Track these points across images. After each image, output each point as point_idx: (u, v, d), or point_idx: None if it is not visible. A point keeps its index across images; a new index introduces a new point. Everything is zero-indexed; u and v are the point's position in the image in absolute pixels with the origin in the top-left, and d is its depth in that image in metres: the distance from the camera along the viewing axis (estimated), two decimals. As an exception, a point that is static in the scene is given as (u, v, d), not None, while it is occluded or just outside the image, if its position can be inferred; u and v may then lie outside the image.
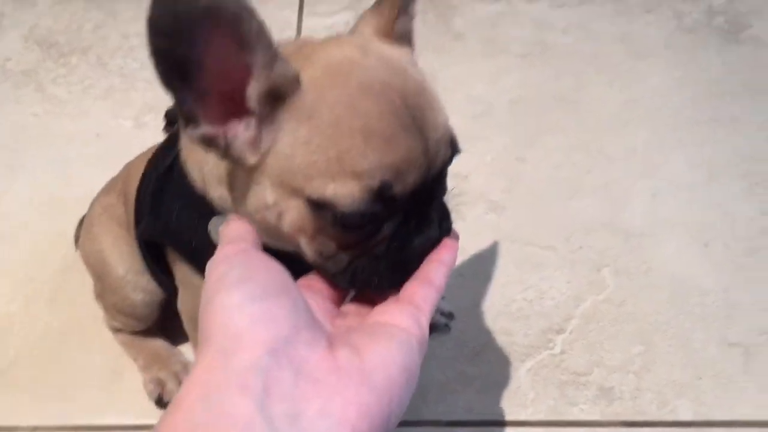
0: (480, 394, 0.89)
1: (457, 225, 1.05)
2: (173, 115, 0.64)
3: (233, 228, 0.48)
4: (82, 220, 0.96)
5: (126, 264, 0.83)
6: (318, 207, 0.47)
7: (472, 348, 0.94)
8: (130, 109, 1.20)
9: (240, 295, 0.40)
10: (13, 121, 1.20)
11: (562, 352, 0.93)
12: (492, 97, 1.21)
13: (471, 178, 1.11)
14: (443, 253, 0.52)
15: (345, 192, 0.46)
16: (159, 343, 0.93)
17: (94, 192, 0.90)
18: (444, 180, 0.54)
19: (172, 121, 0.64)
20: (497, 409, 0.88)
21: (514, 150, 1.14)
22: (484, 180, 1.11)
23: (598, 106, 1.19)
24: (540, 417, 0.88)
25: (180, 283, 0.69)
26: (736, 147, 1.12)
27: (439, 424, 0.88)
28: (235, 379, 0.37)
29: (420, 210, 0.51)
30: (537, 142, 1.15)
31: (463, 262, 1.01)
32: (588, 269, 1.00)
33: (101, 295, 0.89)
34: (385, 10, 0.54)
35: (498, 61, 1.27)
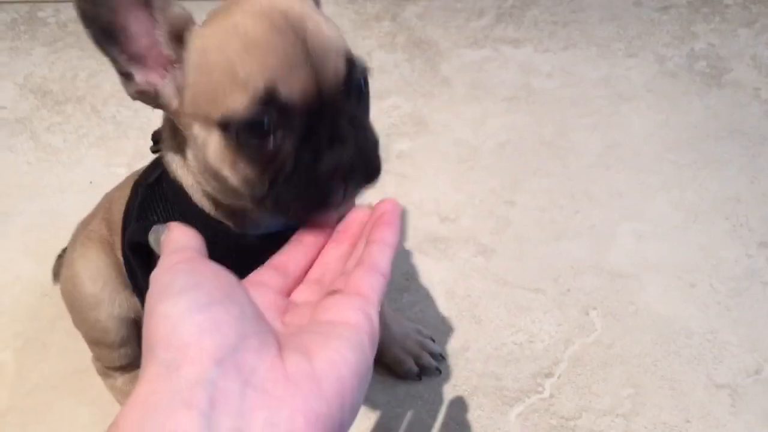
0: (471, 440, 0.90)
1: (446, 267, 1.06)
2: (159, 135, 0.68)
3: (176, 236, 0.47)
4: (62, 254, 0.97)
5: (101, 281, 0.84)
6: (225, 128, 0.52)
7: (462, 392, 0.94)
8: (123, 156, 1.22)
9: (185, 303, 0.39)
10: (7, 169, 1.22)
11: (551, 396, 0.93)
12: (479, 141, 1.24)
13: (460, 221, 1.12)
14: (386, 233, 0.50)
15: (236, 104, 0.50)
16: None
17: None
18: (356, 99, 0.56)
19: (158, 140, 0.68)
20: (488, 455, 0.89)
21: (502, 193, 1.16)
22: (472, 222, 1.12)
23: (583, 149, 1.21)
24: (531, 462, 0.88)
25: None
26: (719, 189, 1.14)
27: (431, 470, 0.88)
28: (180, 396, 0.36)
29: (327, 126, 0.53)
30: (524, 185, 1.17)
31: (453, 304, 1.02)
32: (576, 311, 1.02)
33: (77, 326, 0.90)
34: None
35: (484, 106, 1.29)
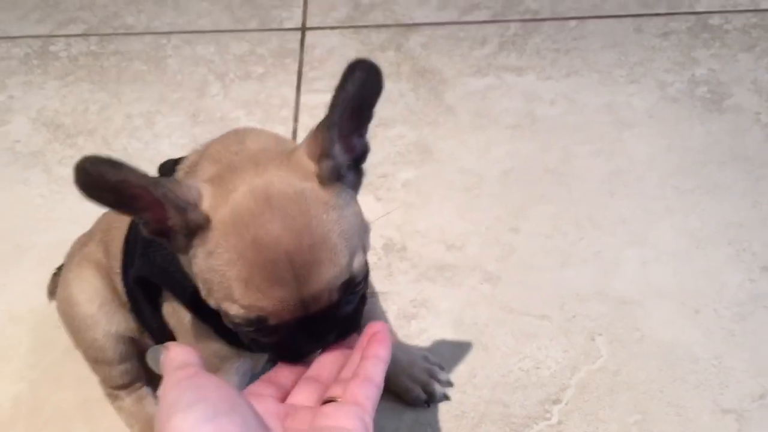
0: (479, 467, 0.91)
1: (453, 295, 1.08)
2: (166, 168, 0.71)
3: (176, 354, 0.52)
4: (57, 272, 0.99)
5: (97, 301, 0.86)
6: (218, 308, 0.59)
7: (470, 419, 0.95)
8: (134, 188, 1.24)
9: (193, 417, 0.43)
10: (21, 202, 1.24)
11: (559, 423, 0.94)
12: (484, 169, 1.25)
13: (466, 249, 1.14)
14: (379, 349, 0.57)
15: (232, 312, 0.57)
16: (155, 409, 0.94)
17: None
18: (341, 306, 0.60)
19: (165, 174, 0.71)
20: (496, 482, 0.90)
21: (507, 220, 1.18)
22: (478, 250, 1.14)
23: (586, 175, 1.23)
24: (539, 489, 0.89)
25: (175, 330, 0.76)
26: (722, 214, 1.16)
27: (440, 498, 0.89)
28: None
29: (313, 323, 0.59)
30: (528, 212, 1.19)
31: (460, 332, 1.04)
32: (583, 338, 1.03)
33: (76, 345, 0.92)
34: (319, 139, 0.57)
35: (489, 133, 1.31)
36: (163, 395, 0.47)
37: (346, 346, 0.61)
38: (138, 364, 0.92)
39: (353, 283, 0.59)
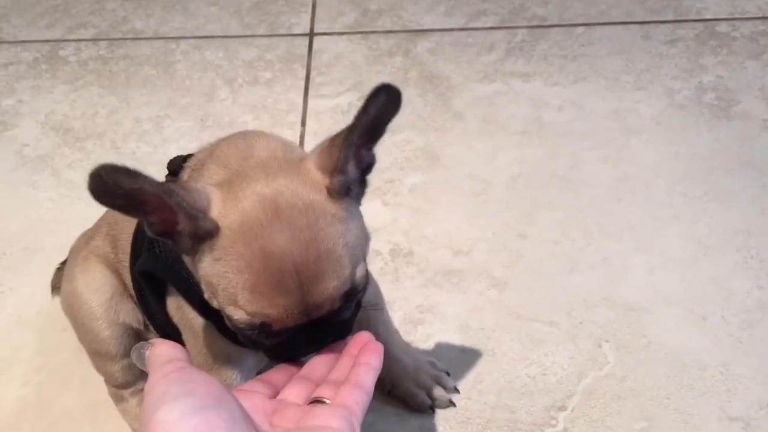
0: (485, 473, 0.90)
1: (460, 300, 1.08)
2: (175, 164, 0.72)
3: (163, 350, 0.52)
4: (60, 267, 0.99)
5: (102, 291, 0.87)
6: (222, 311, 0.60)
7: (476, 425, 0.95)
8: (142, 191, 1.25)
9: (180, 408, 0.44)
10: (30, 206, 1.25)
11: (565, 429, 0.94)
12: (491, 175, 1.26)
13: (473, 254, 1.14)
14: (371, 358, 0.60)
15: (235, 316, 0.58)
16: None
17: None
18: (341, 312, 0.61)
19: (173, 171, 0.71)
20: (502, 489, 0.89)
21: (515, 226, 1.18)
22: (485, 256, 1.14)
23: (593, 182, 1.23)
24: (545, 496, 0.88)
25: (179, 326, 0.76)
26: (730, 221, 1.16)
27: (446, 504, 0.88)
28: None
29: (312, 329, 0.60)
30: (536, 218, 1.19)
31: (466, 337, 1.04)
32: (589, 344, 1.02)
33: (80, 339, 0.92)
34: (333, 153, 0.58)
35: (496, 139, 1.32)
36: (149, 388, 0.47)
37: (338, 349, 0.63)
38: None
39: (355, 292, 0.61)
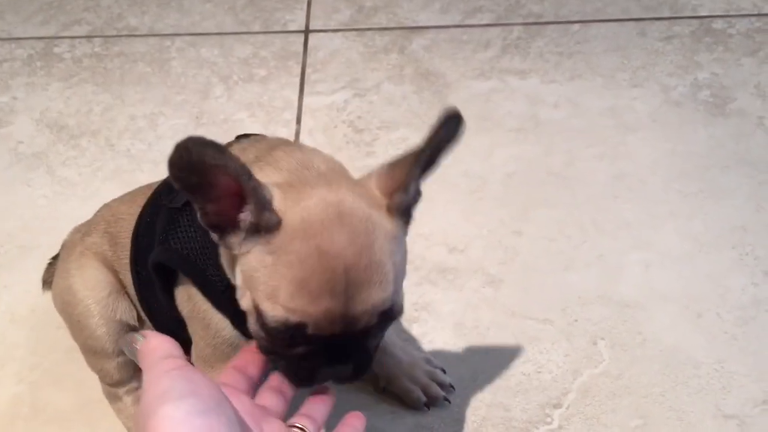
0: (480, 471, 0.90)
1: (455, 298, 1.08)
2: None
3: (159, 344, 0.52)
4: (52, 263, 0.99)
5: (98, 288, 0.86)
6: (256, 308, 0.59)
7: (471, 423, 0.95)
8: (137, 189, 1.24)
9: (186, 408, 0.44)
10: (24, 204, 1.25)
11: (560, 427, 0.94)
12: (487, 172, 1.25)
13: (468, 252, 1.14)
14: (356, 423, 0.63)
15: (271, 312, 0.58)
16: None
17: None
18: (372, 334, 0.62)
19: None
20: (497, 486, 0.89)
21: (510, 223, 1.18)
22: (481, 253, 1.14)
23: (589, 179, 1.23)
24: (540, 493, 0.88)
25: (187, 318, 0.76)
26: (726, 218, 1.16)
27: (441, 502, 0.88)
28: None
29: (337, 348, 0.60)
30: (531, 215, 1.18)
31: (461, 335, 1.03)
32: (584, 342, 1.02)
33: (74, 337, 0.92)
34: (395, 174, 0.61)
35: (492, 137, 1.31)
36: (151, 383, 0.47)
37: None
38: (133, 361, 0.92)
39: (391, 314, 0.61)
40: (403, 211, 0.61)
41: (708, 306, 1.05)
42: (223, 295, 0.68)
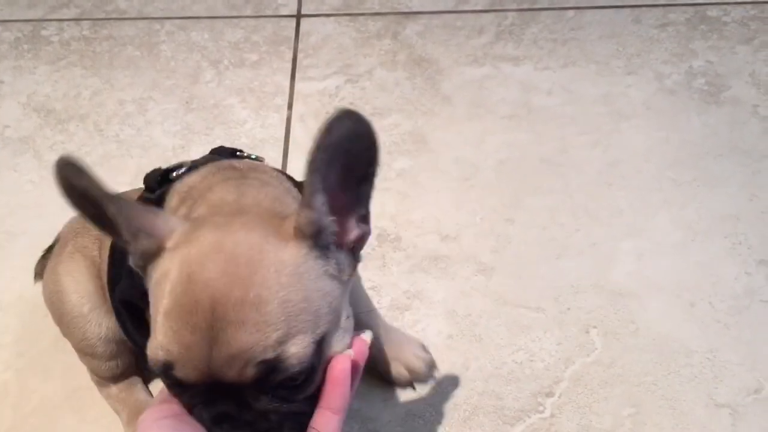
0: (471, 460, 0.90)
1: (447, 286, 1.07)
2: (150, 180, 0.73)
3: (162, 388, 0.55)
4: (46, 253, 0.98)
5: (88, 304, 0.86)
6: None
7: (463, 411, 0.94)
8: (126, 174, 1.23)
9: None
10: (11, 189, 1.23)
11: (552, 416, 0.93)
12: (479, 159, 1.24)
13: (460, 239, 1.13)
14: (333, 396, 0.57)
15: (148, 349, 0.54)
16: (143, 396, 0.94)
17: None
18: (262, 393, 0.54)
19: (150, 187, 0.71)
20: (489, 475, 0.89)
21: (502, 211, 1.17)
22: (473, 241, 1.13)
23: (583, 166, 1.22)
24: (531, 482, 0.88)
25: None
26: (718, 207, 1.15)
27: (432, 490, 0.88)
28: None
29: (222, 405, 0.54)
30: (524, 203, 1.18)
31: (453, 323, 1.03)
32: (577, 330, 1.02)
33: (65, 336, 0.91)
34: (302, 192, 0.55)
35: (485, 123, 1.30)
36: (142, 426, 0.49)
37: None
38: (128, 360, 0.91)
39: (280, 372, 0.52)
40: (312, 233, 0.54)
41: (701, 295, 1.05)
42: None
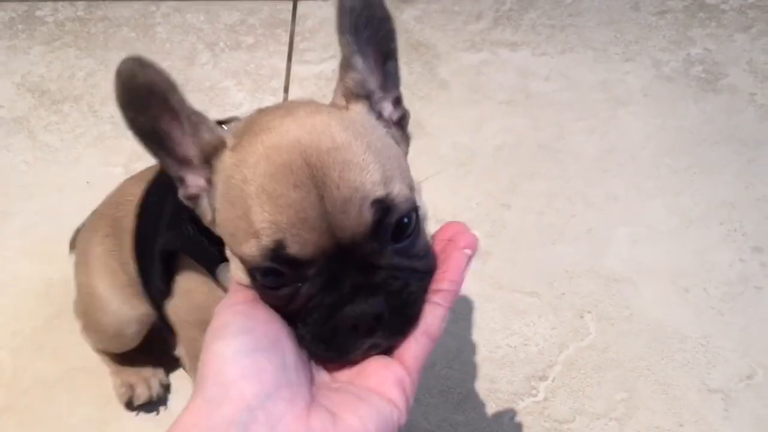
0: (465, 442, 0.90)
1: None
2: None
3: (241, 281, 0.51)
4: (82, 227, 0.96)
5: (117, 299, 0.85)
6: (240, 258, 0.50)
7: (457, 395, 0.95)
8: (120, 156, 1.22)
9: (236, 345, 0.44)
10: (4, 169, 1.22)
11: (545, 399, 0.94)
12: (476, 144, 1.24)
13: (456, 225, 1.13)
14: (445, 283, 0.51)
15: (247, 250, 0.48)
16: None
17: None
18: (382, 242, 0.49)
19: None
20: (482, 457, 0.89)
21: (499, 196, 1.17)
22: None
23: (579, 153, 1.22)
24: (524, 465, 0.88)
25: (176, 292, 0.72)
26: (714, 194, 1.15)
27: (425, 472, 0.88)
28: (216, 429, 0.41)
29: (351, 275, 0.48)
30: (520, 188, 1.17)
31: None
32: (571, 315, 1.02)
33: (83, 315, 0.90)
34: (343, 70, 0.55)
35: (482, 109, 1.30)
36: (216, 314, 0.47)
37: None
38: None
39: (393, 212, 0.48)
40: (364, 94, 0.54)
41: (695, 281, 1.05)
42: None
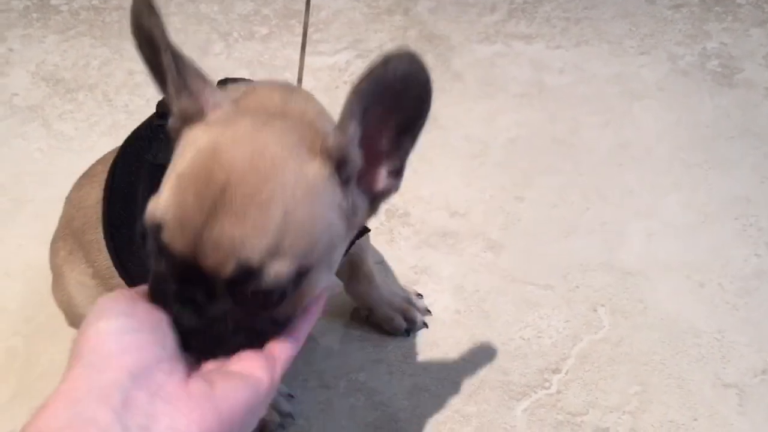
0: (477, 434, 0.90)
1: (455, 262, 1.06)
2: (166, 105, 0.69)
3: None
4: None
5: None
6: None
7: (469, 385, 0.94)
8: (134, 145, 1.22)
9: (118, 324, 0.47)
10: (19, 157, 1.22)
11: (558, 392, 0.93)
12: (490, 137, 1.24)
13: (469, 216, 1.12)
14: (312, 306, 0.57)
15: (148, 209, 0.52)
16: None
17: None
18: (226, 294, 0.51)
19: (164, 113, 0.68)
20: (494, 449, 0.89)
21: (512, 189, 1.16)
22: (482, 218, 1.12)
23: (594, 146, 1.21)
24: (537, 457, 0.88)
25: None
26: (729, 189, 1.14)
27: (437, 463, 0.88)
28: (98, 391, 0.43)
29: (189, 285, 0.51)
30: (534, 181, 1.17)
31: (461, 299, 1.03)
32: (585, 308, 1.02)
33: (71, 326, 0.91)
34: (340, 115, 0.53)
35: (496, 101, 1.29)
36: (100, 302, 0.50)
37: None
38: None
39: (254, 281, 0.50)
40: (338, 158, 0.52)
41: (710, 276, 1.04)
42: None
